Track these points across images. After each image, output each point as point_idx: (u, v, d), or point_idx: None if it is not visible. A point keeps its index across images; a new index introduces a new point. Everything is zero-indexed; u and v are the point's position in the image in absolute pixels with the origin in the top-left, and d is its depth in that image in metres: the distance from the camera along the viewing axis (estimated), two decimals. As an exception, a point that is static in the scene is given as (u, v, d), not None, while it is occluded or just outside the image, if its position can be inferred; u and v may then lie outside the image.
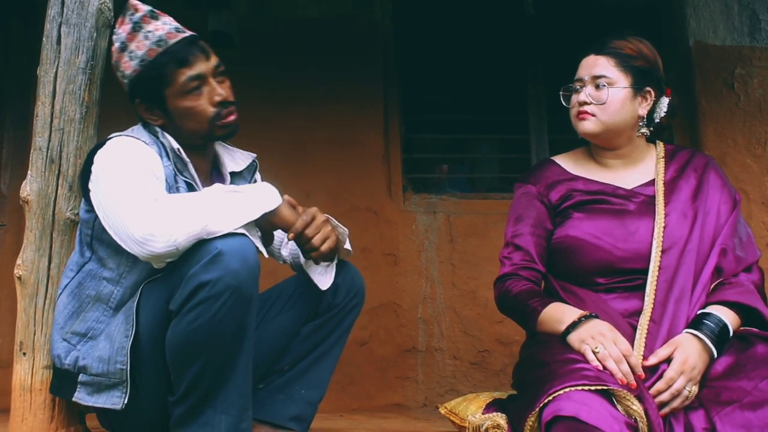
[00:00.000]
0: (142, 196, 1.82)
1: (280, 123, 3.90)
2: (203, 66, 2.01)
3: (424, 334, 3.89)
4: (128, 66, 2.02)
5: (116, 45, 2.05)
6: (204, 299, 1.74)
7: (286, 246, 2.26)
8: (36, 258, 2.05)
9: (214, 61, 2.04)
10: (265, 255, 1.92)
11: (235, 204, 1.83)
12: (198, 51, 2.02)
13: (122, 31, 2.04)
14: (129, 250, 1.81)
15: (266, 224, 1.92)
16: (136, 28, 2.01)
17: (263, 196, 1.89)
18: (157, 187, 1.89)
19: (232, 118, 2.05)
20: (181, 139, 2.04)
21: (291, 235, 1.92)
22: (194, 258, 1.78)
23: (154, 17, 2.03)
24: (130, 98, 2.08)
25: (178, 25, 2.06)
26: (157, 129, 2.05)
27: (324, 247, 1.97)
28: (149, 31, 2.01)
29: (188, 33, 2.06)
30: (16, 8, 4.05)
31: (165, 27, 2.03)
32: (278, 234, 2.14)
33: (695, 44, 4.18)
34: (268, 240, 2.00)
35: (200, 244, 1.78)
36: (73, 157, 2.09)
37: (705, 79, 4.15)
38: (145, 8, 2.03)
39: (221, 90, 2.03)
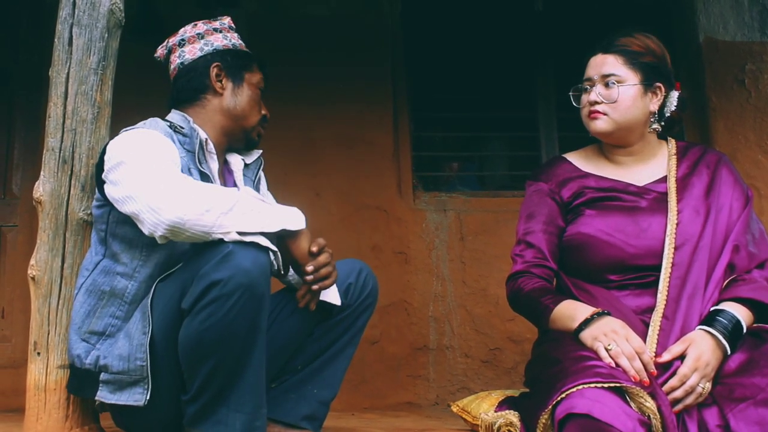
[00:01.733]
0: (162, 166, 1.86)
1: (289, 121, 3.90)
2: (263, 84, 2.26)
3: (435, 333, 3.89)
4: (219, 40, 2.23)
5: (206, 26, 2.24)
6: (216, 298, 1.75)
7: None
8: (49, 258, 2.06)
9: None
10: (281, 270, 1.92)
11: (258, 210, 1.82)
12: (266, 74, 2.28)
13: (216, 23, 2.27)
14: (140, 220, 1.82)
15: (283, 250, 1.91)
16: (232, 29, 2.29)
17: (288, 215, 1.89)
18: (175, 169, 1.91)
19: (259, 137, 2.26)
20: (217, 122, 2.15)
21: (310, 268, 1.91)
22: (206, 256, 1.78)
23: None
24: (199, 62, 2.18)
25: None
26: (187, 119, 2.10)
27: (327, 283, 1.99)
28: (237, 38, 2.29)
29: None
30: (25, 9, 4.07)
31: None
32: None
33: (705, 40, 4.16)
34: (284, 269, 2.00)
35: (212, 243, 1.78)
36: (85, 158, 2.10)
37: (715, 75, 4.13)
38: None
39: (266, 110, 2.27)
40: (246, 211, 1.80)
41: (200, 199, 1.77)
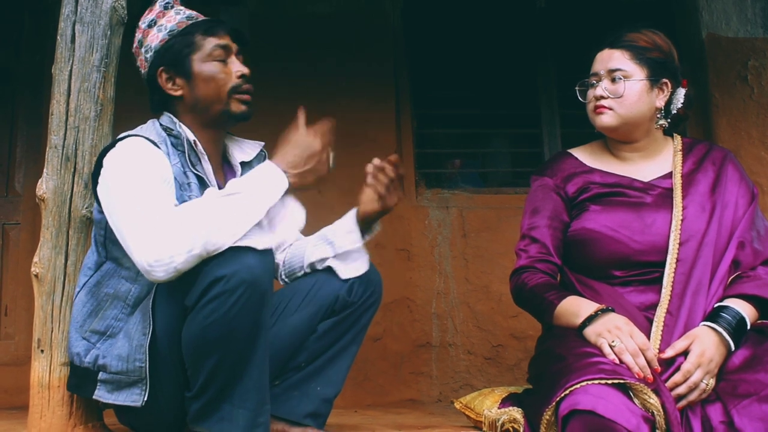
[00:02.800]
0: (144, 220, 1.80)
1: (291, 119, 3.88)
2: (229, 42, 2.09)
3: (437, 330, 3.89)
4: (155, 38, 2.07)
5: (143, 25, 2.10)
6: (219, 294, 1.75)
7: (282, 251, 2.26)
8: (53, 256, 2.06)
9: (236, 45, 2.12)
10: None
11: (234, 209, 1.80)
12: (225, 29, 2.11)
13: (151, 13, 2.11)
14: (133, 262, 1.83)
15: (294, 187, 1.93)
16: (167, 7, 2.11)
17: (265, 186, 1.87)
18: (164, 195, 1.87)
19: (249, 96, 2.10)
20: (196, 121, 2.07)
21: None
22: (209, 255, 1.79)
23: (183, 3, 2.14)
24: (149, 73, 2.09)
25: None
26: (174, 121, 2.06)
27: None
28: (181, 9, 2.12)
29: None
30: (28, 7, 4.07)
31: (196, 12, 2.14)
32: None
33: (708, 36, 4.15)
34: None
35: None
36: (88, 155, 2.10)
37: (718, 72, 4.12)
38: None
39: (245, 68, 2.09)
40: (228, 218, 1.77)
41: (182, 240, 1.74)
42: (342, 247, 2.15)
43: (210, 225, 1.75)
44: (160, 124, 2.06)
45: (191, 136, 2.04)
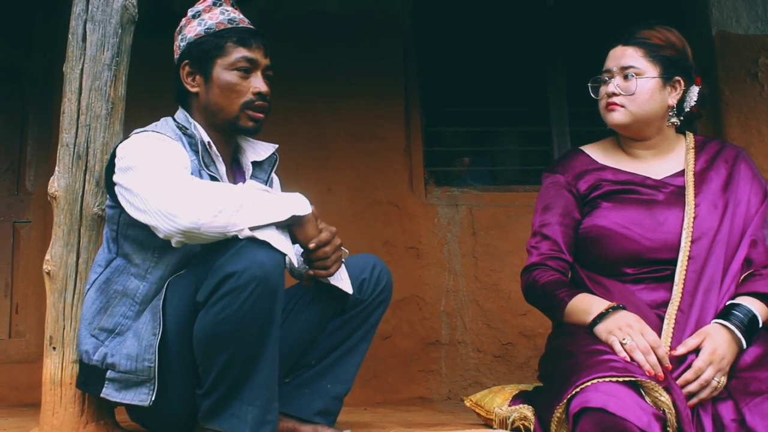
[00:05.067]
0: (173, 172, 1.85)
1: (301, 117, 3.91)
2: (259, 57, 2.09)
3: (447, 327, 3.89)
4: (193, 30, 2.10)
5: (190, 14, 2.14)
6: (231, 290, 1.75)
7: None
8: (64, 253, 2.07)
9: (268, 61, 2.12)
10: (295, 263, 1.92)
11: (266, 202, 1.83)
12: (261, 44, 2.11)
13: (201, 4, 2.14)
14: (154, 227, 1.82)
15: (291, 236, 1.91)
16: (217, 4, 2.13)
17: (294, 202, 1.89)
18: (185, 172, 1.91)
19: (261, 115, 2.10)
20: (208, 121, 2.09)
21: (313, 245, 1.92)
22: (221, 249, 1.79)
23: (235, 6, 2.15)
24: (177, 62, 2.12)
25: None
26: (190, 121, 2.07)
27: (332, 269, 1.99)
28: (227, 10, 2.13)
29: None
30: (38, 6, 4.09)
31: (242, 16, 2.15)
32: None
33: (718, 33, 4.14)
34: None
35: (225, 239, 1.79)
36: (99, 153, 2.11)
37: (728, 69, 4.11)
38: None
39: (264, 86, 2.09)
40: (255, 204, 1.80)
41: (212, 201, 1.77)
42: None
43: (235, 201, 1.77)
44: (175, 123, 2.08)
45: (206, 137, 2.05)
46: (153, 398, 1.87)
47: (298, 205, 1.89)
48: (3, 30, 4.05)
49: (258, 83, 2.08)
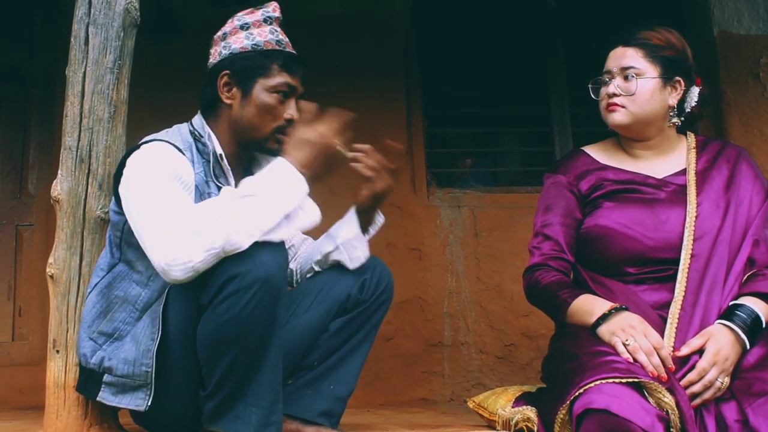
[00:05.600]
0: (163, 219, 1.79)
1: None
2: (298, 84, 2.12)
3: (449, 329, 3.89)
4: (239, 42, 2.09)
5: (237, 22, 2.12)
6: (234, 291, 1.75)
7: (294, 260, 2.27)
8: (67, 257, 2.08)
9: (302, 89, 2.15)
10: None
11: (251, 211, 1.79)
12: (302, 73, 2.14)
13: (250, 16, 2.13)
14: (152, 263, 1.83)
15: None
16: (267, 21, 2.13)
17: (284, 188, 1.86)
18: (184, 197, 1.88)
19: (287, 138, 2.07)
20: (232, 134, 2.09)
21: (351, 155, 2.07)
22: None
23: (282, 28, 2.16)
24: (214, 68, 2.10)
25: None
26: (206, 130, 2.07)
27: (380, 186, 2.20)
28: (276, 30, 2.14)
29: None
30: (40, 8, 4.09)
31: (287, 39, 2.16)
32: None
33: (719, 34, 4.13)
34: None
35: None
36: (102, 156, 2.11)
37: (729, 69, 4.10)
38: (279, 15, 2.17)
39: (297, 113, 2.10)
40: (247, 218, 1.77)
41: (200, 239, 1.73)
42: (341, 237, 2.16)
43: (229, 225, 1.74)
44: (190, 130, 2.08)
45: (219, 150, 2.05)
46: (149, 403, 1.88)
47: (288, 194, 1.87)
48: (5, 32, 4.06)
49: (292, 110, 2.10)
